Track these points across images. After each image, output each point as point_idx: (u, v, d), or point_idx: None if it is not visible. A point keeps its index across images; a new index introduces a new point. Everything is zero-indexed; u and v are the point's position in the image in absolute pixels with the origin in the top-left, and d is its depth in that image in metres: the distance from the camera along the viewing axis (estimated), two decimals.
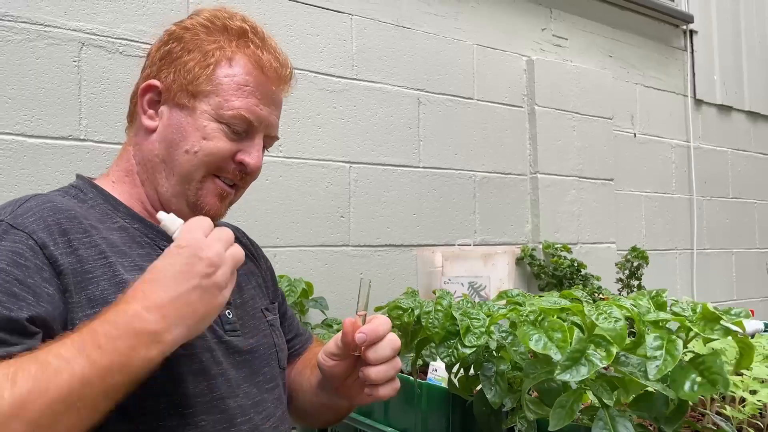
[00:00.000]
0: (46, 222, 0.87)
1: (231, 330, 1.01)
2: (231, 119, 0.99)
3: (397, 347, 0.94)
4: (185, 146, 0.99)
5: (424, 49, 2.44)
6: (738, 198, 3.68)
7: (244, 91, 1.00)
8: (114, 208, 0.99)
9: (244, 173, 1.04)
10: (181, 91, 1.00)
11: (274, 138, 1.08)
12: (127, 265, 0.91)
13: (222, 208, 1.05)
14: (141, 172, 1.04)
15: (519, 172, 2.69)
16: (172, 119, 1.01)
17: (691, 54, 3.51)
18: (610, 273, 2.77)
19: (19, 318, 0.77)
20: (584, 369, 0.87)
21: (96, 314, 0.81)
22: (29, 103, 1.64)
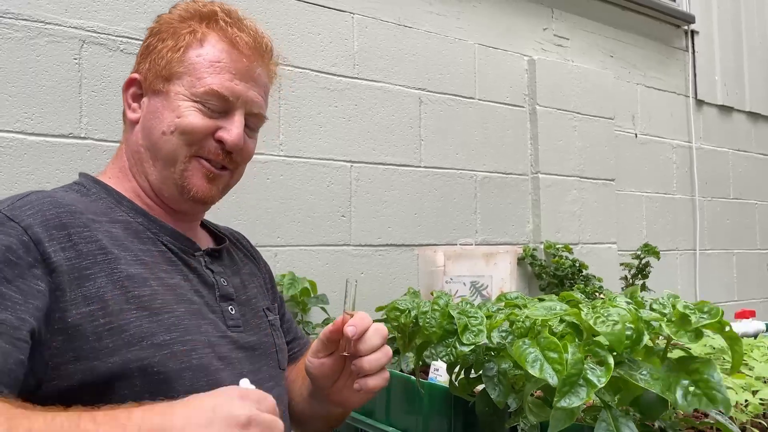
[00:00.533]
0: (45, 216, 0.86)
1: (234, 326, 1.01)
2: (204, 96, 0.98)
3: (385, 334, 0.95)
4: (162, 128, 0.99)
5: (426, 49, 2.44)
6: (739, 199, 3.68)
7: (216, 67, 1.00)
8: (117, 202, 0.99)
9: (226, 152, 1.02)
10: (156, 78, 1.01)
11: (259, 116, 1.07)
12: (130, 258, 0.91)
13: (212, 189, 1.03)
14: (131, 166, 1.04)
15: (520, 171, 2.69)
16: (150, 107, 1.02)
17: (693, 54, 3.50)
18: (611, 273, 2.77)
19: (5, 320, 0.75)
20: (583, 392, 0.86)
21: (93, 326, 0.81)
22: (30, 101, 1.63)
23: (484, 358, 1.10)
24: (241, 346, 1.00)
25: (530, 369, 0.90)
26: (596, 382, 0.86)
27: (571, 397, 0.87)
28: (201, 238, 1.11)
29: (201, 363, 0.91)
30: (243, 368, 0.98)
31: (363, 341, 0.93)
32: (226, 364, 0.95)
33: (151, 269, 0.92)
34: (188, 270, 0.99)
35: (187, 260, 1.00)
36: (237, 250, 1.18)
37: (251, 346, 1.03)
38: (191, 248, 1.03)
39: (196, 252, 1.03)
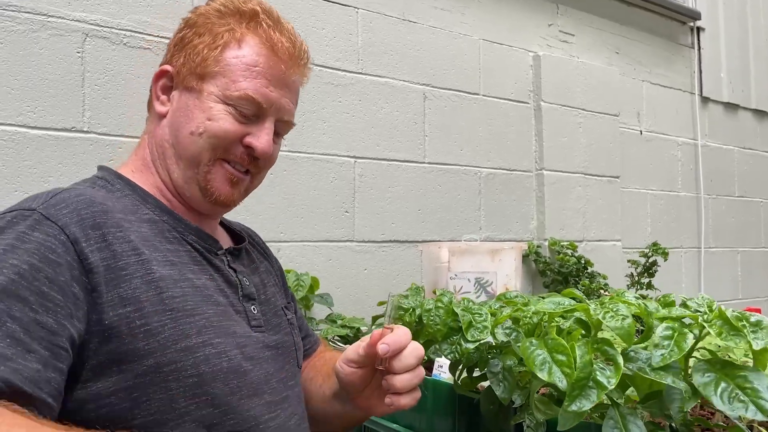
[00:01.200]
0: (80, 215, 0.84)
1: (257, 326, 1.00)
2: (238, 100, 0.96)
3: (421, 355, 0.92)
4: (190, 128, 0.97)
5: (430, 44, 2.42)
6: (744, 196, 3.66)
7: (253, 71, 0.97)
8: (142, 200, 0.97)
9: (253, 158, 1.00)
10: (190, 74, 0.98)
11: (288, 123, 1.05)
12: (161, 259, 0.90)
13: (234, 193, 1.02)
14: (155, 159, 1.02)
15: (524, 168, 2.67)
16: (180, 102, 1.00)
17: (698, 51, 3.48)
18: (615, 271, 2.75)
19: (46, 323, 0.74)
20: (593, 394, 0.85)
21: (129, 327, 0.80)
22: (32, 94, 1.62)
23: (488, 356, 1.09)
24: (265, 346, 0.99)
25: (539, 373, 0.89)
26: (606, 384, 0.86)
27: (582, 400, 0.86)
28: (220, 235, 1.11)
29: (231, 365, 0.90)
30: (269, 368, 0.98)
31: (398, 359, 0.91)
32: (253, 364, 0.94)
33: (179, 270, 0.91)
34: (213, 270, 0.98)
35: (212, 260, 0.99)
36: (252, 248, 1.17)
37: (274, 346, 1.02)
38: (215, 247, 1.01)
39: (219, 251, 1.02)
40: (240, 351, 0.93)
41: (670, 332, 0.90)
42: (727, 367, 0.86)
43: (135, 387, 0.81)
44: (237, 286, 1.01)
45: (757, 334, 0.86)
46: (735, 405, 0.81)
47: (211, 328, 0.90)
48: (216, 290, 0.95)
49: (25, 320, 0.73)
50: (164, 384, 0.83)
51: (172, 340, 0.85)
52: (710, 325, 0.89)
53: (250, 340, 0.96)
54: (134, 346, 0.81)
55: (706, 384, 0.85)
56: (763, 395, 0.80)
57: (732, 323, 0.88)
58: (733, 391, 0.82)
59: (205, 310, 0.90)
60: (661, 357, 0.86)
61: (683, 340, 0.88)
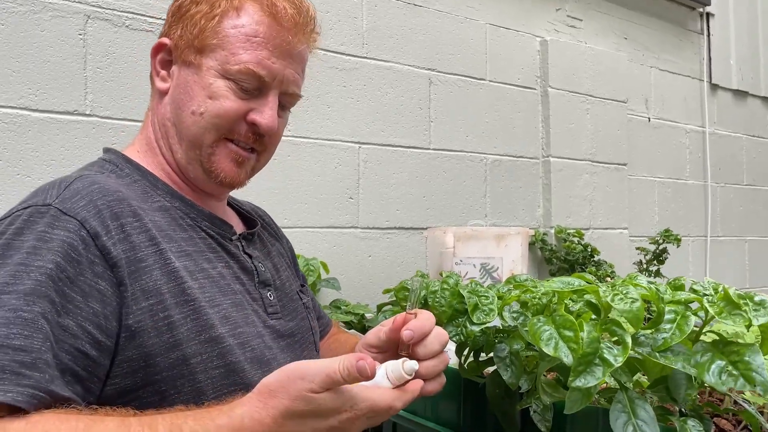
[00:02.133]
0: (97, 207, 0.81)
1: (273, 313, 0.98)
2: (238, 74, 0.91)
3: (445, 341, 0.89)
4: (191, 107, 0.93)
5: (436, 28, 2.39)
6: (752, 185, 3.62)
7: (253, 42, 0.92)
8: (153, 185, 0.94)
9: (258, 135, 0.96)
10: (188, 48, 0.93)
11: (294, 96, 1.00)
12: (176, 250, 0.87)
13: (240, 174, 0.97)
14: (158, 138, 0.98)
15: (531, 155, 2.65)
16: (180, 78, 0.95)
17: (708, 37, 3.44)
18: (622, 259, 2.73)
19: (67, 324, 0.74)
20: (599, 371, 0.83)
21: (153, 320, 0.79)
22: (34, 77, 1.60)
23: (495, 340, 1.07)
24: (282, 333, 0.98)
25: (545, 347, 0.87)
26: (613, 362, 0.84)
27: (587, 376, 0.84)
28: (232, 218, 1.08)
29: (254, 355, 0.89)
30: (288, 356, 0.96)
31: (423, 345, 0.86)
32: (275, 353, 0.93)
33: (195, 260, 0.89)
34: (228, 256, 0.95)
35: (227, 246, 0.96)
36: (263, 230, 1.14)
37: (291, 333, 1.00)
38: (229, 233, 0.98)
39: (233, 236, 0.99)
40: (261, 340, 0.91)
41: (672, 315, 0.88)
42: (726, 346, 0.85)
43: (163, 381, 0.80)
44: (253, 272, 0.98)
45: (758, 312, 0.85)
46: (725, 379, 0.80)
47: (231, 318, 0.88)
48: (232, 278, 0.93)
49: (53, 323, 0.72)
50: (192, 376, 0.81)
51: (195, 331, 0.83)
52: (712, 306, 0.88)
53: (267, 329, 0.94)
54: (159, 339, 0.80)
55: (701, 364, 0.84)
56: (755, 368, 0.80)
57: (733, 301, 0.86)
58: (725, 367, 0.81)
59: (223, 301, 0.88)
60: (663, 340, 0.85)
61: (685, 323, 0.86)
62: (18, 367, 0.67)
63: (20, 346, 0.68)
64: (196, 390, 0.81)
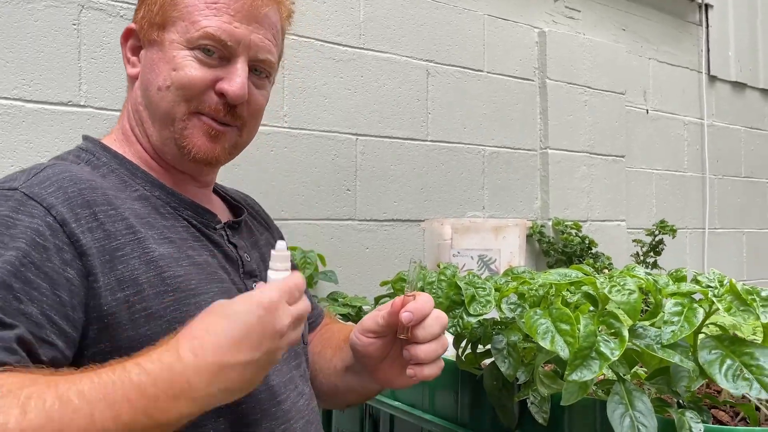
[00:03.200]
0: (67, 194, 0.78)
1: None
2: (200, 41, 0.88)
3: (445, 323, 0.87)
4: (158, 83, 0.90)
5: (434, 19, 2.38)
6: (750, 177, 3.62)
7: (213, 8, 0.88)
8: (131, 174, 0.91)
9: (229, 106, 0.92)
10: (150, 26, 0.91)
11: (267, 63, 0.94)
12: (158, 237, 0.84)
13: (215, 149, 0.93)
14: (133, 126, 0.95)
15: (529, 147, 2.64)
16: (146, 59, 0.92)
17: (706, 29, 3.42)
18: (620, 251, 2.73)
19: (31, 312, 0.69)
20: (595, 364, 0.83)
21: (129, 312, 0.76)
22: (28, 67, 1.59)
23: (492, 332, 1.07)
24: None
25: (541, 341, 0.87)
26: (609, 355, 0.84)
27: (583, 370, 0.84)
28: (217, 206, 1.05)
29: None
30: None
31: (422, 327, 0.85)
32: None
33: (179, 247, 0.86)
34: (213, 246, 0.93)
35: (210, 235, 0.94)
36: (252, 219, 1.12)
37: None
38: (213, 221, 0.96)
39: (217, 225, 0.96)
40: None
41: (679, 308, 0.87)
42: (735, 344, 0.84)
43: None
44: (238, 262, 0.96)
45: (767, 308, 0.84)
46: (739, 383, 0.79)
47: None
48: (218, 267, 0.91)
49: (9, 311, 0.68)
50: None
51: (177, 322, 0.79)
52: (720, 300, 0.87)
53: None
54: (136, 332, 0.77)
55: (711, 362, 0.83)
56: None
57: (742, 297, 0.85)
58: (738, 369, 0.80)
59: (210, 289, 0.86)
60: (671, 333, 0.84)
61: (693, 316, 0.86)
62: None
63: None
64: None
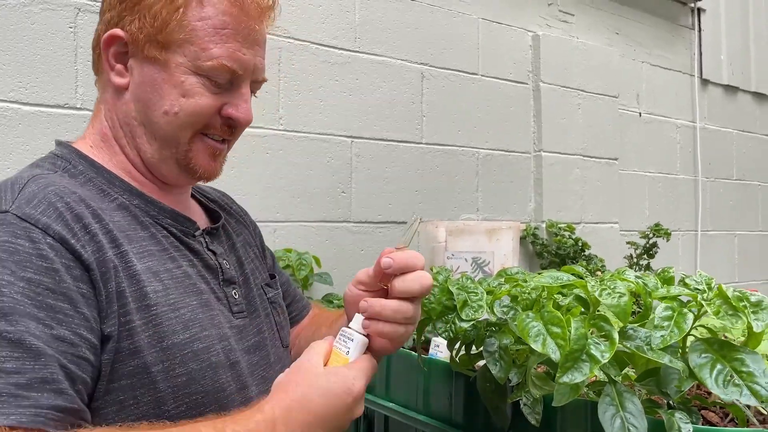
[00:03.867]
0: (57, 210, 0.78)
1: (238, 312, 0.96)
2: (211, 71, 0.88)
3: (428, 285, 0.86)
4: (164, 107, 0.89)
5: (429, 23, 2.39)
6: (742, 180, 3.65)
7: (222, 35, 0.88)
8: (109, 182, 0.90)
9: (233, 128, 0.95)
10: (149, 42, 0.88)
11: (262, 82, 0.98)
12: (138, 251, 0.84)
13: (216, 166, 0.96)
14: (119, 136, 0.93)
15: (523, 149, 2.66)
16: (144, 76, 0.90)
17: (699, 33, 3.45)
18: (613, 253, 2.75)
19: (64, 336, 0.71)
20: (586, 367, 0.84)
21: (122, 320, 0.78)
22: (24, 70, 1.60)
23: (485, 334, 1.08)
24: (248, 333, 0.96)
25: (533, 343, 0.88)
26: (599, 358, 0.85)
27: (574, 372, 0.85)
28: (195, 212, 1.05)
29: (219, 359, 0.86)
30: (254, 357, 0.95)
31: (401, 280, 0.84)
32: (240, 355, 0.91)
33: (159, 259, 0.86)
34: (192, 254, 0.93)
35: (190, 243, 0.94)
36: (229, 217, 1.11)
37: (257, 331, 0.99)
38: (192, 229, 0.96)
39: (196, 232, 0.96)
40: (227, 343, 0.89)
41: (669, 312, 0.88)
42: (724, 348, 0.85)
43: (121, 389, 0.77)
44: (217, 270, 0.96)
45: (758, 315, 0.85)
46: (729, 389, 0.80)
47: (197, 321, 0.85)
48: (197, 276, 0.91)
49: (44, 338, 0.69)
50: (152, 385, 0.79)
51: (156, 338, 0.80)
52: (709, 304, 0.88)
53: (233, 331, 0.92)
54: (120, 344, 0.77)
55: (701, 365, 0.84)
56: (759, 380, 0.79)
57: (732, 303, 0.87)
58: (729, 374, 0.81)
59: (189, 302, 0.86)
60: (662, 338, 0.85)
61: (683, 321, 0.87)
62: (15, 389, 0.66)
63: (13, 368, 0.66)
64: (156, 399, 0.79)
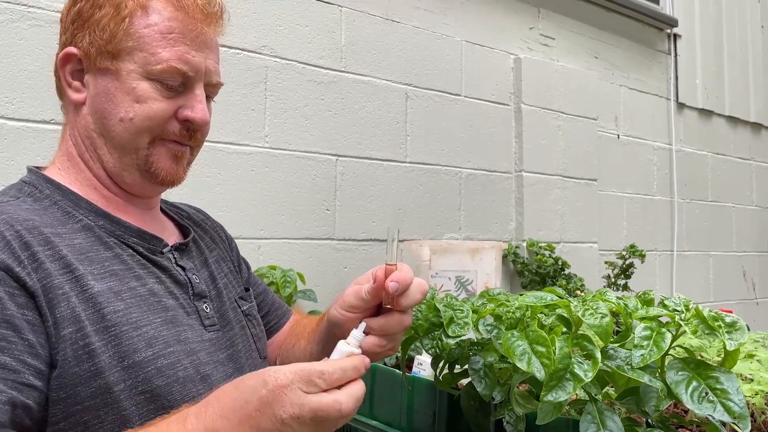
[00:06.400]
0: (5, 239, 0.78)
1: (210, 325, 0.96)
2: (162, 74, 0.89)
3: (426, 290, 0.91)
4: (119, 114, 0.90)
5: (413, 44, 2.43)
6: (717, 201, 3.73)
7: (170, 39, 0.90)
8: (75, 204, 0.91)
9: (192, 131, 0.95)
10: (100, 55, 0.90)
11: (217, 85, 0.99)
12: (98, 272, 0.84)
13: (179, 170, 0.96)
14: (82, 152, 0.94)
15: (504, 169, 2.70)
16: (98, 87, 0.91)
17: (675, 58, 3.54)
18: (592, 272, 2.79)
19: None
20: (570, 385, 0.86)
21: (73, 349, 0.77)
22: (11, 85, 1.60)
23: (470, 352, 1.10)
24: (221, 346, 0.96)
25: (518, 362, 0.90)
26: (583, 377, 0.87)
27: (558, 391, 0.87)
28: (165, 228, 1.04)
29: (187, 374, 0.86)
30: (227, 370, 0.94)
31: (406, 296, 0.87)
32: (210, 369, 0.91)
33: (121, 279, 0.86)
34: (160, 271, 0.93)
35: (157, 260, 0.94)
36: (203, 233, 1.11)
37: (231, 344, 0.99)
38: (159, 246, 0.96)
39: (165, 249, 0.96)
40: (195, 357, 0.89)
41: (648, 332, 0.91)
42: (700, 366, 0.88)
43: (85, 410, 0.78)
44: (187, 285, 0.96)
45: (732, 335, 0.88)
46: (704, 405, 0.82)
47: (161, 338, 0.85)
48: (165, 293, 0.91)
49: None
50: (116, 404, 0.79)
51: (118, 358, 0.80)
52: (686, 323, 0.91)
53: (203, 345, 0.92)
54: (80, 368, 0.78)
55: (678, 382, 0.86)
56: (732, 397, 0.82)
57: (708, 322, 0.90)
58: (704, 391, 0.84)
59: (153, 320, 0.86)
60: (641, 357, 0.88)
61: (662, 340, 0.90)
62: None
63: None
64: (120, 417, 0.79)
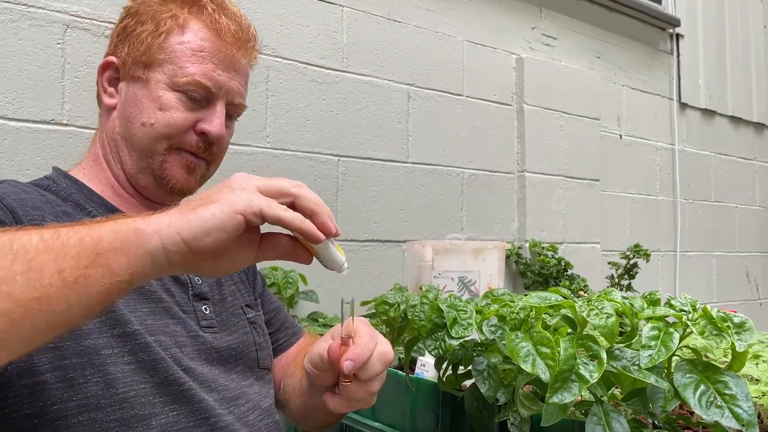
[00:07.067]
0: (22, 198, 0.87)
1: (208, 326, 0.98)
2: (186, 86, 0.97)
3: (388, 360, 0.85)
4: (141, 119, 0.98)
5: (415, 44, 2.42)
6: (720, 202, 3.72)
7: (199, 56, 0.98)
8: (87, 198, 0.97)
9: (207, 143, 1.01)
10: (135, 64, 0.99)
11: (240, 106, 1.06)
12: None
13: (191, 181, 1.02)
14: (106, 153, 1.02)
15: (506, 170, 2.69)
16: (129, 93, 1.00)
17: (677, 58, 3.53)
18: (594, 273, 2.78)
19: None
20: (575, 387, 0.85)
21: None
22: (10, 86, 1.59)
23: (473, 353, 1.09)
24: (218, 347, 0.98)
25: (522, 364, 0.89)
26: (588, 378, 0.86)
27: (563, 393, 0.86)
28: None
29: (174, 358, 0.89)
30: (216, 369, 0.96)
31: (364, 370, 0.82)
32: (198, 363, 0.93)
33: None
34: None
35: None
36: None
37: (227, 347, 1.00)
38: None
39: None
40: (180, 350, 0.91)
41: (656, 332, 0.90)
42: (709, 369, 0.86)
43: (71, 367, 0.80)
44: (187, 285, 0.99)
45: (741, 336, 0.87)
46: (712, 410, 0.81)
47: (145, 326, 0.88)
48: (160, 289, 0.94)
49: None
50: (102, 367, 0.81)
51: (109, 324, 0.84)
52: (694, 324, 0.90)
53: (193, 341, 0.94)
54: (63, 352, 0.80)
55: (686, 385, 0.85)
56: (741, 404, 0.80)
57: (716, 323, 0.89)
58: (712, 396, 0.83)
59: (139, 308, 0.89)
60: (649, 357, 0.87)
61: (669, 340, 0.88)
62: None
63: None
64: (106, 382, 0.81)
